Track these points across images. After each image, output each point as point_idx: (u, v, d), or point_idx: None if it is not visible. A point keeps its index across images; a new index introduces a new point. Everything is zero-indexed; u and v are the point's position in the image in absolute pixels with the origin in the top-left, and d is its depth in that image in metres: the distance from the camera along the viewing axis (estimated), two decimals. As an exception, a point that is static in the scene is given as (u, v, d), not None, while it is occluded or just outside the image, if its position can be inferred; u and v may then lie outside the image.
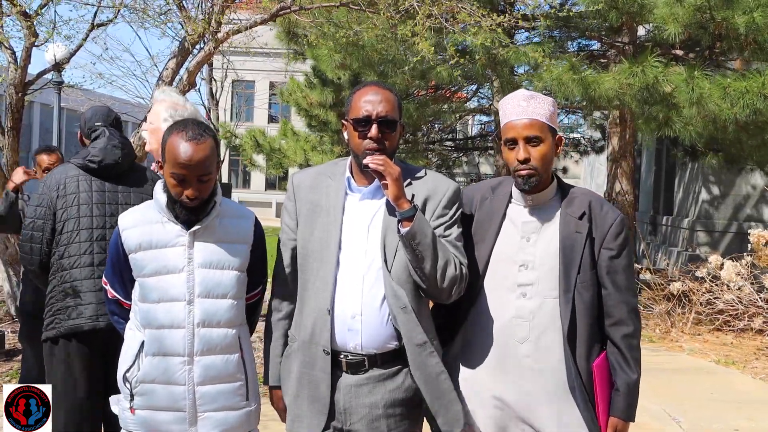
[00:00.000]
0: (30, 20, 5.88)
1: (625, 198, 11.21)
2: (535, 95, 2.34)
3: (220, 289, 2.33)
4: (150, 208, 2.40)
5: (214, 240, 2.35)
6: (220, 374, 2.33)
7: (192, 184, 2.25)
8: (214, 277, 2.33)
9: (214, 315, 2.32)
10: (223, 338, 2.33)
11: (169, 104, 3.09)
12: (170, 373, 2.31)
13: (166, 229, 2.34)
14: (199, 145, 2.24)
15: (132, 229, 2.37)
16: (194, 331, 2.30)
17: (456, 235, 2.31)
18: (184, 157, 2.22)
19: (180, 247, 2.32)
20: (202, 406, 2.32)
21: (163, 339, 2.31)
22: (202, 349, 2.31)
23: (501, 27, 7.01)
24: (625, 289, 2.33)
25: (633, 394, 2.32)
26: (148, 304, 2.34)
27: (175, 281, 2.31)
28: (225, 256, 2.34)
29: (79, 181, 3.08)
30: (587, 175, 24.08)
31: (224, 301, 2.34)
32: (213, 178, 2.31)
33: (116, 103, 18.22)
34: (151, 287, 2.33)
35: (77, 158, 3.14)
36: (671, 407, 5.60)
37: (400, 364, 2.29)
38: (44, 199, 3.06)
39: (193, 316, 2.30)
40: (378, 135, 2.25)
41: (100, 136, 3.17)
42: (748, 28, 7.53)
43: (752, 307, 7.85)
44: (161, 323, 2.32)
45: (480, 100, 16.70)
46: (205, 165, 2.25)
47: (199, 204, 2.29)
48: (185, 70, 6.82)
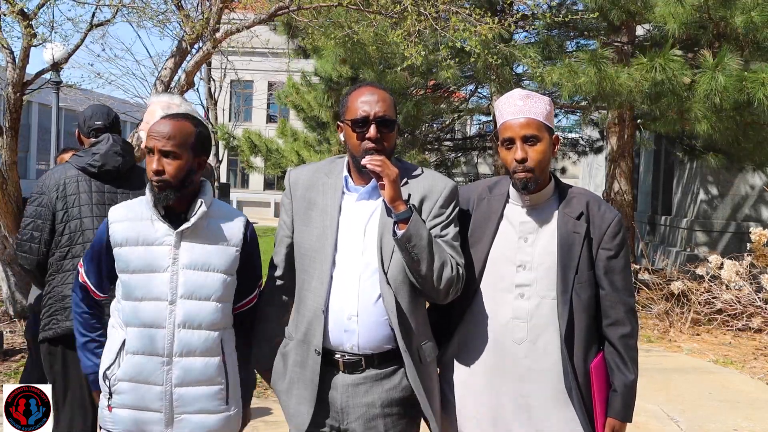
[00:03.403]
0: (28, 20, 5.87)
1: (623, 198, 11.22)
2: (531, 94, 2.33)
3: (203, 291, 2.31)
4: (141, 204, 2.38)
5: (201, 241, 2.33)
6: (199, 377, 2.31)
7: (156, 156, 2.27)
8: (199, 278, 2.31)
9: (195, 317, 2.30)
10: (204, 341, 2.31)
11: (165, 104, 3.11)
12: (148, 373, 2.29)
13: (155, 227, 2.32)
14: (171, 121, 2.32)
15: (120, 223, 2.36)
16: (174, 332, 2.29)
17: (453, 235, 2.31)
18: (154, 128, 2.30)
19: (166, 246, 2.31)
20: (179, 408, 2.31)
21: (144, 338, 2.30)
22: (181, 351, 2.29)
23: (499, 26, 7.01)
24: (622, 289, 2.33)
25: (630, 395, 2.31)
26: (130, 302, 2.32)
27: (159, 280, 2.29)
28: (211, 258, 2.32)
29: (79, 182, 3.09)
30: (586, 175, 24.08)
31: (207, 304, 2.31)
32: (180, 161, 2.28)
33: (115, 103, 18.20)
34: (134, 285, 2.31)
35: (77, 159, 3.14)
36: (669, 407, 5.60)
37: (397, 364, 2.29)
38: (44, 199, 3.06)
39: (174, 316, 2.29)
40: (376, 135, 2.24)
41: (102, 140, 3.18)
42: (746, 27, 7.54)
43: (751, 306, 7.86)
44: (143, 322, 2.30)
45: (479, 100, 16.70)
46: (168, 138, 2.26)
47: (165, 187, 2.27)
48: (183, 70, 6.81)
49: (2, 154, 5.98)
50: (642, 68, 7.96)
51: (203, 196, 2.35)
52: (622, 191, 11.26)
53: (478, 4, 9.46)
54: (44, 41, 6.47)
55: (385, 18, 6.74)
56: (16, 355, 6.27)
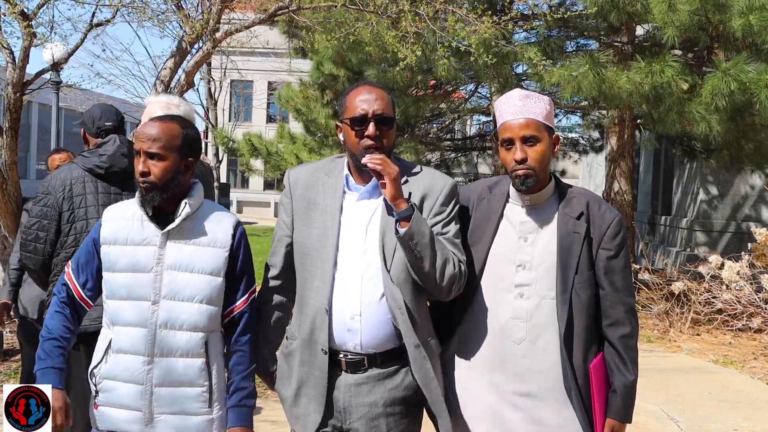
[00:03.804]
0: (28, 20, 5.87)
1: (623, 198, 11.22)
2: (531, 94, 2.33)
3: (186, 292, 2.30)
4: (132, 204, 2.40)
5: (188, 242, 2.33)
6: (180, 378, 2.30)
7: (141, 158, 2.29)
8: (182, 279, 2.30)
9: (177, 317, 2.30)
10: (186, 342, 2.30)
11: (164, 104, 3.12)
12: (131, 372, 2.30)
13: (143, 227, 2.33)
14: (158, 123, 2.33)
15: (113, 222, 2.37)
16: (156, 332, 2.29)
17: (454, 232, 2.31)
18: (140, 130, 2.33)
19: (152, 246, 2.32)
20: (158, 407, 2.30)
21: (127, 337, 2.30)
22: (161, 351, 2.29)
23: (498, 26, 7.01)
24: (622, 289, 2.33)
25: (630, 395, 2.31)
26: (115, 301, 2.33)
27: (143, 280, 2.30)
28: (196, 259, 2.32)
29: (85, 183, 3.10)
30: (586, 175, 24.08)
31: (190, 305, 2.31)
32: (165, 163, 2.29)
33: (115, 103, 18.18)
34: (119, 284, 2.32)
35: (83, 160, 3.15)
36: (669, 407, 5.60)
37: (400, 363, 2.30)
38: (50, 199, 3.06)
39: (156, 316, 2.29)
40: (376, 132, 2.25)
41: (109, 141, 3.19)
42: (744, 30, 7.54)
43: (751, 306, 7.86)
44: (127, 321, 2.31)
45: (479, 100, 16.70)
46: (154, 140, 2.28)
47: (151, 189, 2.28)
48: (183, 70, 6.81)
49: (2, 154, 5.98)
50: (641, 72, 7.98)
51: (189, 197, 2.35)
52: (622, 191, 11.27)
53: (477, 3, 9.45)
54: (44, 41, 6.47)
55: (382, 18, 6.74)
56: (16, 355, 6.28)
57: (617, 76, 8.16)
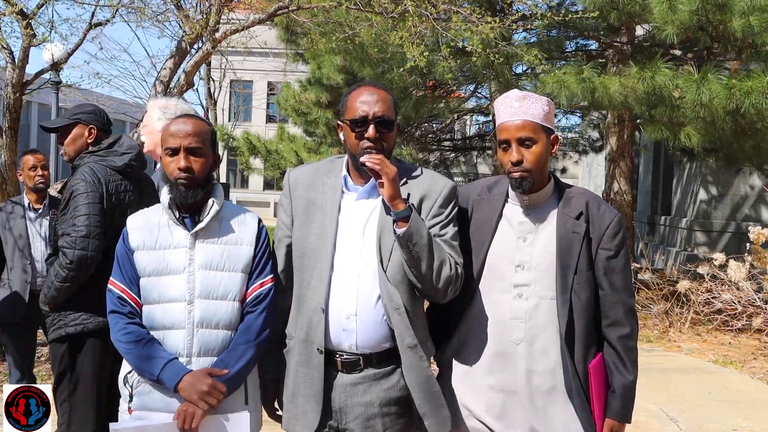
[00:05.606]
0: (28, 20, 5.88)
1: (623, 198, 11.22)
2: (528, 95, 2.32)
3: (220, 291, 2.33)
4: (157, 211, 2.42)
5: (216, 242, 2.35)
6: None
7: (182, 155, 2.29)
8: (215, 278, 2.33)
9: (213, 316, 2.32)
10: (222, 340, 2.32)
11: (163, 105, 3.14)
12: None
13: (170, 232, 2.35)
14: (191, 119, 2.36)
15: (137, 230, 2.38)
16: (194, 332, 2.30)
17: (452, 235, 2.31)
18: (175, 127, 2.33)
19: (182, 248, 2.33)
20: None
21: (164, 340, 2.31)
22: (200, 351, 2.31)
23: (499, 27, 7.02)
24: (622, 289, 2.32)
25: (629, 396, 2.31)
26: (148, 305, 2.34)
27: (176, 282, 2.31)
28: (226, 258, 2.34)
29: (118, 181, 3.10)
30: (586, 175, 24.08)
31: (224, 303, 2.33)
32: (205, 159, 2.33)
33: (114, 103, 18.20)
34: (151, 288, 2.33)
35: (106, 160, 3.12)
36: (669, 407, 5.60)
37: (395, 364, 2.30)
38: (96, 197, 3.01)
39: (193, 316, 2.30)
40: (375, 135, 2.25)
41: (121, 140, 3.21)
42: (744, 31, 7.55)
43: (751, 306, 7.86)
44: (162, 324, 2.32)
45: (478, 100, 16.71)
46: (193, 135, 2.30)
47: (193, 185, 2.29)
48: (182, 70, 6.82)
49: (2, 154, 5.98)
50: (632, 78, 7.99)
51: (215, 196, 2.37)
52: (621, 191, 11.26)
53: (477, 3, 9.45)
54: (44, 41, 6.48)
55: (385, 19, 6.74)
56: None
57: (610, 82, 8.18)
